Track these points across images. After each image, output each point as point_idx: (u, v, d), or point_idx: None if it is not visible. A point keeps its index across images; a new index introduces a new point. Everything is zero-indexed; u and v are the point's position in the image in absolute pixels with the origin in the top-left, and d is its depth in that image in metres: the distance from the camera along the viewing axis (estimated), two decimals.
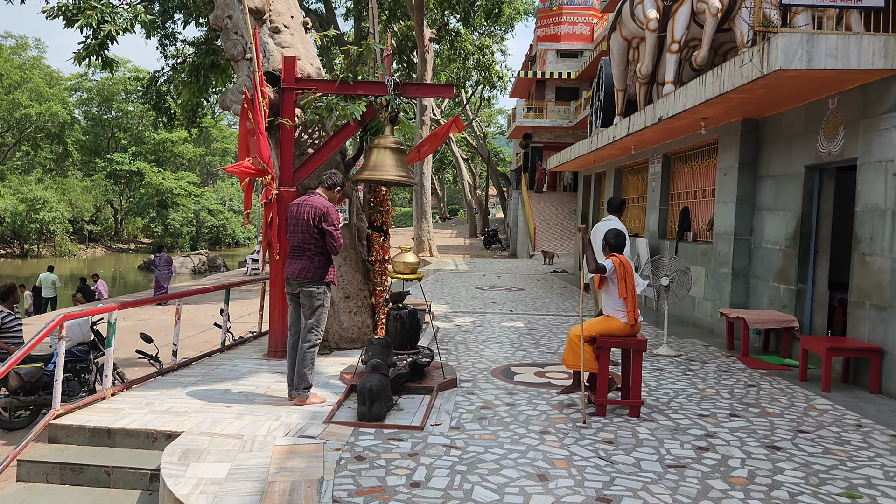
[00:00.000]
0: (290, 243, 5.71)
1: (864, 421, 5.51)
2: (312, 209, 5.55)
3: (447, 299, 13.21)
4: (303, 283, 5.56)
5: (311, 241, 5.55)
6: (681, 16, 10.65)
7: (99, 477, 4.73)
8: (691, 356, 8.00)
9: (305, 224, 5.53)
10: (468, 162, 51.31)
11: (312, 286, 5.55)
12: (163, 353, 7.62)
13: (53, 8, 9.48)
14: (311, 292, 5.56)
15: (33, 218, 44.08)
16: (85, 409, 5.45)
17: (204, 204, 55.43)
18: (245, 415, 5.25)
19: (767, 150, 8.85)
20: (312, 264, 5.57)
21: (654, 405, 5.81)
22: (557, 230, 28.73)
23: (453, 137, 39.87)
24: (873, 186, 6.63)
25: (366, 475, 4.10)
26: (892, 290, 6.31)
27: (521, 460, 4.40)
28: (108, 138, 57.82)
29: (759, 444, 4.85)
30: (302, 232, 5.56)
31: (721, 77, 7.65)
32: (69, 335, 6.39)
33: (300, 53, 7.65)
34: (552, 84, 34.49)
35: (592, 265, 5.48)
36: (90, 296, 17.88)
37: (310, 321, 5.59)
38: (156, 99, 17.35)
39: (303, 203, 5.65)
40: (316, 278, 5.56)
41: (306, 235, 5.55)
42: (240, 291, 16.51)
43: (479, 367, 7.19)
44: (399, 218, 64.06)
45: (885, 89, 6.51)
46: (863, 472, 4.34)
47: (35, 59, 54.68)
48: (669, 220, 12.26)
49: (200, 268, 37.49)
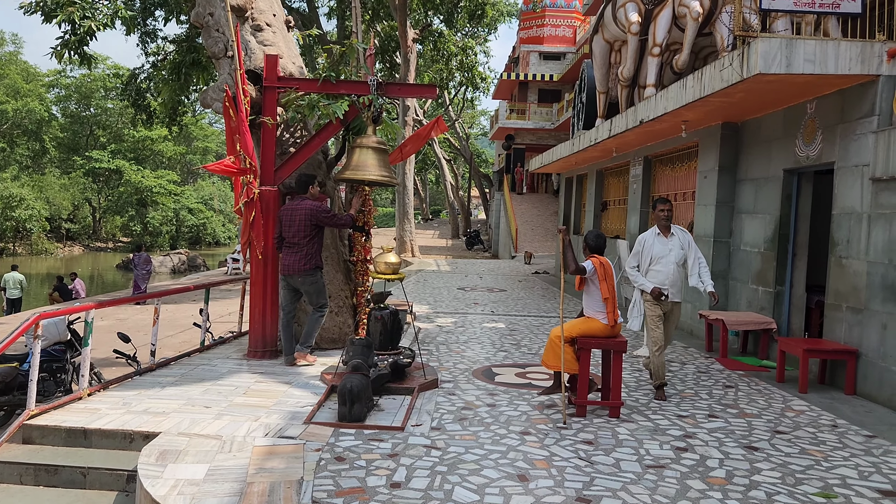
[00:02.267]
0: (286, 240, 6.83)
1: (840, 422, 5.58)
2: (305, 211, 6.75)
3: (429, 300, 13.20)
4: (301, 275, 6.78)
5: (304, 237, 6.75)
6: (662, 20, 10.74)
7: (74, 478, 4.66)
8: (670, 357, 8.06)
9: (300, 223, 6.74)
10: (451, 163, 51.32)
11: (308, 276, 6.79)
12: (141, 353, 7.54)
13: (32, 4, 9.35)
14: (307, 280, 6.80)
15: (9, 216, 43.36)
16: (61, 409, 5.38)
17: (184, 203, 54.86)
18: (224, 415, 5.21)
19: (747, 154, 8.95)
20: (304, 256, 6.77)
21: (633, 406, 5.84)
22: (539, 231, 28.84)
23: (436, 138, 39.88)
24: (850, 190, 6.73)
25: (346, 476, 4.08)
26: (867, 292, 6.41)
27: (502, 461, 4.41)
28: (86, 136, 57.07)
29: (736, 444, 4.89)
30: (296, 230, 6.75)
31: (702, 81, 7.72)
32: (45, 334, 6.29)
33: (282, 52, 7.61)
34: (535, 86, 34.62)
35: (572, 266, 5.50)
36: (67, 294, 17.63)
37: (317, 301, 6.88)
38: (135, 96, 17.17)
39: (296, 206, 6.82)
40: (309, 267, 6.79)
41: (300, 233, 6.74)
42: (220, 291, 16.37)
43: (460, 367, 7.19)
44: (381, 218, 63.89)
45: (862, 94, 6.61)
46: (838, 472, 4.40)
47: (11, 55, 53.83)
48: (650, 223, 12.34)
49: (180, 267, 37.15)
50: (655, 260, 6.23)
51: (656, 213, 6.35)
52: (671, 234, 6.28)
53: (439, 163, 47.96)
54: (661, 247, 6.23)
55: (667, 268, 6.19)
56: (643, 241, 6.33)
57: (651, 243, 6.27)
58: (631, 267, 6.38)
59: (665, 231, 6.29)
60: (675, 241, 6.26)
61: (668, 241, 6.24)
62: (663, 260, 6.21)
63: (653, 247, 6.26)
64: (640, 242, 6.33)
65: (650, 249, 6.26)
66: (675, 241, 6.25)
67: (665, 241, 6.25)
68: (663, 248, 6.22)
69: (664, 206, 6.32)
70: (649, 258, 6.26)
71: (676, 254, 6.22)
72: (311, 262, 6.83)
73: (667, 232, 6.28)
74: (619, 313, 5.59)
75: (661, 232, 6.31)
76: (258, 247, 6.98)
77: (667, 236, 6.27)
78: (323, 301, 6.97)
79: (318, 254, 6.90)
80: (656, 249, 6.24)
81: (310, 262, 6.82)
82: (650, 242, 6.28)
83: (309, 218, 6.76)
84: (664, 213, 6.29)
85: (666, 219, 6.29)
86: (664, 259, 6.21)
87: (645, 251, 6.29)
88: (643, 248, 6.29)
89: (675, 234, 6.30)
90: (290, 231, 6.81)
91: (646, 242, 6.30)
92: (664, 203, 6.35)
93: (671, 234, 6.28)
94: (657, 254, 6.22)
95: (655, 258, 6.23)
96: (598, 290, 5.52)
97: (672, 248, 6.22)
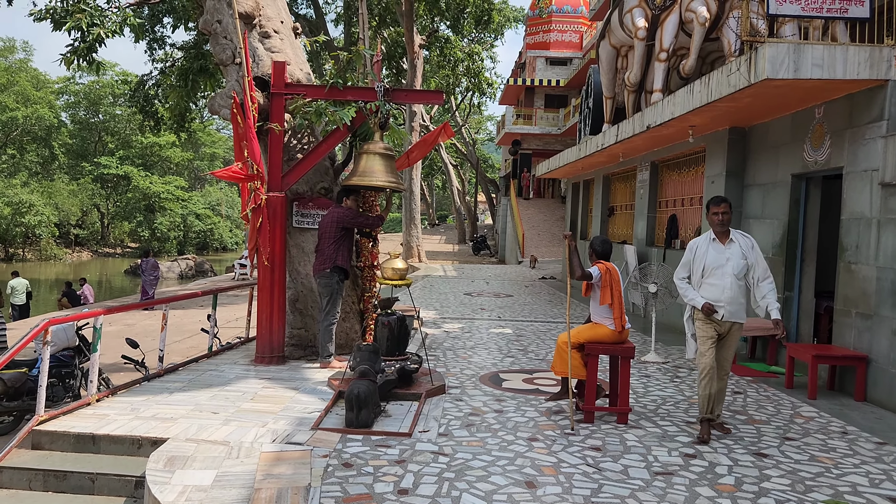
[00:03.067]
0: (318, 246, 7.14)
1: (850, 428, 5.54)
2: (334, 216, 7.05)
3: (436, 305, 13.20)
4: (318, 276, 7.01)
5: (331, 242, 6.98)
6: (669, 25, 10.73)
7: (83, 484, 4.67)
8: (679, 363, 8.03)
9: (328, 228, 7.01)
10: (457, 168, 51.37)
11: (323, 277, 6.97)
12: (149, 359, 7.56)
13: (41, 11, 9.42)
14: (322, 282, 6.99)
15: (19, 221, 43.62)
16: (69, 414, 5.39)
17: (191, 208, 55.08)
18: (232, 421, 5.22)
19: (754, 159, 8.92)
20: (325, 258, 6.96)
21: (641, 412, 5.82)
22: (546, 237, 28.81)
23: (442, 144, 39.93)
24: (859, 195, 6.70)
25: (353, 482, 4.08)
26: (877, 298, 6.37)
27: (510, 467, 4.39)
28: (95, 142, 57.38)
29: (745, 451, 4.87)
30: (326, 235, 7.01)
31: (709, 86, 7.70)
32: (54, 340, 6.32)
33: (290, 58, 7.64)
34: (541, 91, 34.61)
35: (578, 272, 5.48)
36: (76, 300, 17.71)
37: (325, 305, 7.01)
38: (143, 103, 17.26)
39: (327, 214, 7.17)
40: (327, 268, 6.94)
41: (329, 238, 6.99)
42: (227, 296, 16.42)
43: (467, 373, 7.18)
44: (388, 224, 63.90)
45: (871, 99, 6.58)
46: (848, 480, 4.37)
47: (22, 62, 54.22)
48: (657, 228, 12.32)
49: (188, 272, 37.25)
50: (709, 271, 5.21)
51: (710, 215, 5.31)
52: (730, 239, 5.23)
53: (446, 168, 48.01)
54: (717, 255, 5.21)
55: (722, 280, 5.15)
56: (694, 247, 5.35)
57: (704, 251, 5.27)
58: (680, 279, 5.43)
59: (722, 237, 5.26)
60: (734, 248, 5.21)
61: (725, 249, 5.20)
62: (718, 271, 5.17)
63: (706, 255, 5.24)
64: (691, 249, 5.37)
65: (703, 258, 5.25)
66: (734, 249, 5.20)
67: (722, 248, 5.22)
68: (719, 257, 5.20)
69: (719, 208, 5.25)
70: (701, 268, 5.26)
71: (736, 264, 5.16)
72: (328, 264, 6.94)
73: (724, 238, 5.25)
74: (626, 319, 5.56)
75: (718, 237, 5.27)
76: (265, 253, 7.00)
77: (724, 243, 5.23)
78: (329, 309, 6.99)
79: (339, 257, 6.97)
80: (710, 258, 5.21)
81: (326, 264, 6.95)
82: (703, 250, 5.28)
83: (337, 222, 6.98)
84: (720, 217, 5.23)
85: (722, 222, 5.24)
86: (720, 270, 5.17)
87: (696, 260, 5.30)
88: (694, 257, 5.32)
89: (734, 240, 5.24)
90: (322, 238, 7.08)
91: (697, 249, 5.32)
92: (720, 203, 5.27)
93: (730, 239, 5.23)
94: (711, 263, 5.20)
95: (709, 269, 5.21)
96: (606, 296, 5.50)
97: (730, 258, 5.17)
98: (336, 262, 6.94)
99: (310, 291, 7.59)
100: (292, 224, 7.57)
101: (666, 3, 10.78)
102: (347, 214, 7.06)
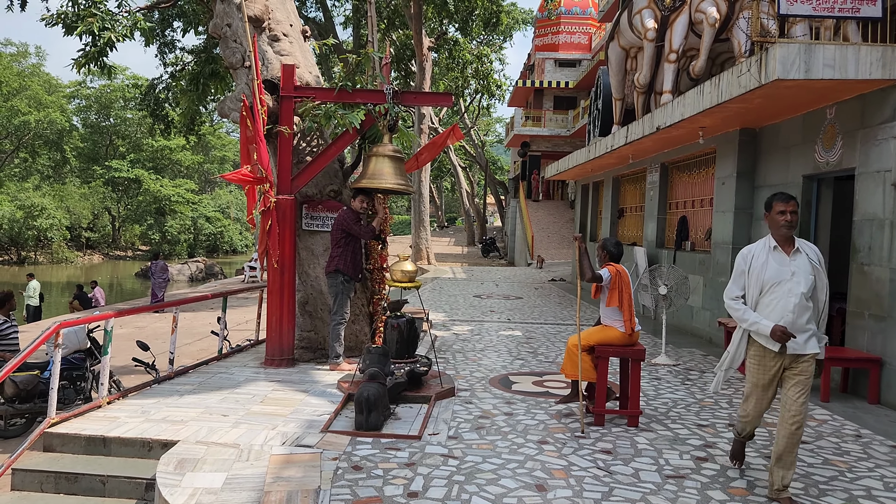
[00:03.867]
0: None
1: (864, 431, 5.49)
2: (339, 216, 7.17)
3: (445, 308, 13.19)
4: (326, 276, 7.18)
5: (334, 243, 7.10)
6: (679, 26, 10.69)
7: (94, 486, 4.69)
8: (690, 365, 7.99)
9: (334, 229, 7.14)
10: (466, 170, 51.37)
11: (329, 277, 7.10)
12: (159, 361, 7.58)
13: (53, 16, 9.49)
14: (329, 283, 7.13)
15: (31, 225, 44.00)
16: (80, 417, 5.42)
17: (202, 211, 55.38)
18: (241, 424, 5.23)
19: (765, 160, 8.87)
20: (330, 259, 7.10)
21: (652, 415, 5.79)
22: (555, 239, 28.76)
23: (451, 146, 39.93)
24: (871, 196, 6.64)
25: (363, 485, 4.07)
26: (890, 300, 6.31)
27: (519, 470, 4.38)
28: (106, 145, 57.81)
29: (758, 454, 4.83)
30: (332, 235, 7.14)
31: (719, 87, 7.66)
32: (65, 343, 6.37)
33: (299, 61, 7.66)
34: (550, 93, 34.57)
35: (588, 274, 5.46)
36: (87, 303, 17.81)
37: (333, 307, 7.10)
38: (154, 106, 17.35)
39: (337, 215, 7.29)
40: (330, 269, 7.05)
41: (333, 238, 7.11)
42: (237, 299, 16.48)
43: (476, 375, 7.17)
44: (397, 226, 64.09)
45: (883, 99, 6.53)
46: (862, 483, 4.32)
47: (35, 67, 54.72)
48: (667, 230, 12.27)
49: (198, 275, 37.43)
50: (769, 288, 4.04)
51: (772, 215, 4.08)
52: (795, 249, 4.04)
53: (455, 170, 48.02)
54: (779, 268, 4.02)
55: (786, 301, 3.97)
56: (749, 257, 4.16)
57: (762, 262, 4.08)
58: (733, 298, 4.19)
59: (786, 244, 4.05)
60: (800, 260, 4.01)
61: (790, 261, 4.01)
62: (780, 289, 4.00)
63: (765, 268, 4.06)
64: (745, 260, 4.18)
65: (760, 272, 4.07)
66: (800, 262, 4.01)
67: (785, 259, 4.02)
68: (782, 271, 4.01)
69: (787, 205, 4.04)
70: (759, 285, 4.08)
71: (804, 280, 3.96)
72: (332, 265, 7.04)
73: (788, 246, 4.05)
74: (636, 321, 5.54)
75: (780, 245, 4.07)
76: (274, 255, 7.01)
77: (789, 252, 4.03)
78: (337, 309, 7.06)
79: (343, 258, 7.02)
80: (771, 272, 4.03)
81: (329, 265, 7.07)
82: (761, 260, 4.09)
83: (340, 223, 7.08)
84: (788, 217, 4.02)
85: (790, 224, 4.03)
86: (782, 287, 4.00)
87: (752, 274, 4.11)
88: (749, 269, 4.14)
89: (801, 249, 4.05)
90: (330, 240, 7.22)
91: (753, 260, 4.12)
92: (788, 200, 4.06)
93: (795, 249, 4.04)
94: (772, 278, 4.02)
95: (768, 285, 4.04)
96: (615, 298, 5.48)
97: (796, 272, 3.98)
98: (336, 265, 7.01)
99: (319, 294, 7.60)
100: (302, 227, 7.59)
101: (675, 3, 10.75)
102: (347, 218, 7.09)
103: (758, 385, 4.19)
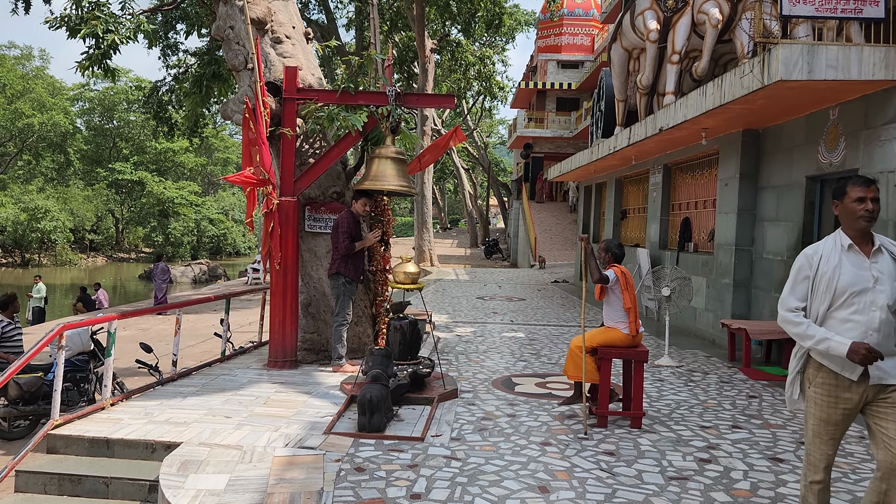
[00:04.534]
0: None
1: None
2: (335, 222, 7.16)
3: (448, 309, 13.19)
4: (329, 278, 7.19)
5: (335, 245, 7.09)
6: (681, 27, 10.69)
7: (97, 488, 4.70)
8: (693, 367, 7.97)
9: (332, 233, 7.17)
10: (469, 172, 51.38)
11: (330, 279, 7.16)
12: (163, 363, 7.60)
13: (56, 18, 9.51)
14: (330, 284, 7.20)
15: (34, 227, 44.13)
16: (84, 419, 5.43)
17: (205, 213, 55.47)
18: (245, 425, 5.23)
19: (768, 161, 8.86)
20: (332, 262, 7.10)
21: (655, 416, 5.78)
22: (558, 240, 28.75)
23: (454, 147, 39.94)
24: None
25: (366, 487, 4.07)
26: None
27: (522, 472, 4.37)
28: (109, 148, 57.94)
29: (761, 455, 4.82)
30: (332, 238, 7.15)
31: (722, 88, 7.66)
32: (69, 345, 6.37)
33: (301, 64, 7.67)
34: (553, 94, 34.60)
35: (596, 275, 5.46)
36: (90, 305, 17.83)
37: (335, 308, 7.15)
38: (157, 109, 17.40)
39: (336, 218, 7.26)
40: (331, 272, 7.11)
41: (332, 241, 7.14)
42: (240, 301, 16.49)
43: (479, 377, 7.16)
44: (400, 228, 64.09)
45: (886, 100, 6.52)
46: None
47: (39, 70, 54.89)
48: (670, 231, 12.26)
49: (201, 277, 37.50)
50: (844, 299, 3.09)
51: (846, 204, 3.15)
52: (876, 248, 3.13)
53: (457, 172, 48.06)
54: (857, 272, 3.10)
55: (869, 316, 3.04)
56: (816, 257, 3.18)
57: (834, 265, 3.13)
58: (791, 310, 3.19)
59: (864, 242, 3.14)
60: (884, 262, 3.11)
61: (870, 264, 3.10)
62: (860, 299, 3.07)
63: (838, 272, 3.11)
64: (809, 262, 3.19)
65: (833, 276, 3.11)
66: (884, 264, 3.10)
67: (863, 261, 3.11)
68: (861, 276, 3.09)
69: (868, 191, 3.12)
70: (831, 293, 3.11)
71: (889, 289, 3.06)
72: (333, 268, 7.10)
73: (867, 244, 3.14)
74: (640, 323, 5.53)
75: (857, 243, 3.14)
76: (277, 257, 7.02)
77: (868, 253, 3.12)
78: (338, 311, 7.08)
79: (343, 261, 7.03)
80: (847, 277, 3.09)
81: (332, 268, 7.13)
82: (832, 263, 3.14)
83: (334, 226, 7.17)
84: (868, 206, 3.11)
85: (872, 215, 3.11)
86: (863, 298, 3.07)
87: (822, 279, 3.14)
88: (817, 274, 3.16)
89: (883, 248, 3.14)
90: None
91: (821, 261, 3.16)
92: (869, 185, 3.14)
93: (876, 248, 3.13)
94: (849, 285, 3.08)
95: (844, 294, 3.09)
96: (620, 299, 5.48)
97: (880, 277, 3.07)
98: (338, 268, 7.05)
99: (322, 296, 7.61)
100: (305, 229, 7.59)
101: (678, 4, 10.75)
102: (340, 223, 7.07)
103: (828, 422, 3.14)
